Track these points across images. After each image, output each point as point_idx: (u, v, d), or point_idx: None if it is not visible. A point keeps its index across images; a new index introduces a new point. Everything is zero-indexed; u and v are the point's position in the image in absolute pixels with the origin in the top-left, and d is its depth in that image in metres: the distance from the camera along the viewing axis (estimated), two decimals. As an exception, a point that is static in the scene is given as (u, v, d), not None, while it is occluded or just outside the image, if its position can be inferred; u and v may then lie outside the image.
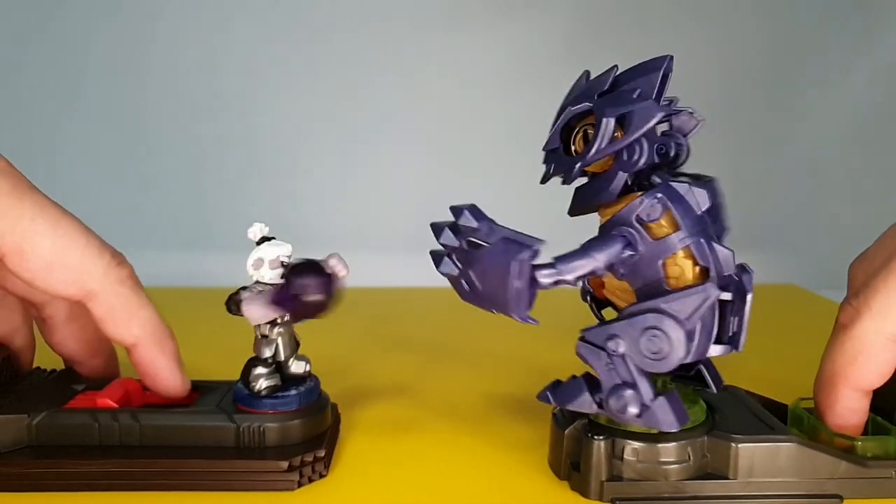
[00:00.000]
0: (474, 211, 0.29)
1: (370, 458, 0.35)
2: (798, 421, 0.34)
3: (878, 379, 0.32)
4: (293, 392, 0.33)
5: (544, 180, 0.32)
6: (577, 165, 0.30)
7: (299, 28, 0.75)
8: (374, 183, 0.77)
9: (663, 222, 0.29)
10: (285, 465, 0.31)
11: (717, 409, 0.33)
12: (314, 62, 0.76)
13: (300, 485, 0.31)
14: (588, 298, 0.34)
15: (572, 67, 0.32)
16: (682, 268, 0.29)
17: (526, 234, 0.29)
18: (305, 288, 0.31)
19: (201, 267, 0.70)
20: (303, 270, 0.32)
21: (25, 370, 0.39)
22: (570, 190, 0.34)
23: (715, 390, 0.31)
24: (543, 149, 0.31)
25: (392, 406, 0.41)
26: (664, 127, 0.31)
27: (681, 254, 0.29)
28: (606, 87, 0.29)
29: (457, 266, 0.30)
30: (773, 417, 0.33)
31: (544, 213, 0.32)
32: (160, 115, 0.76)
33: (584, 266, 0.29)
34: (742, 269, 0.29)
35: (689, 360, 0.29)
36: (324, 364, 0.36)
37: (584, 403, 0.30)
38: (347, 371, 0.46)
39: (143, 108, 0.76)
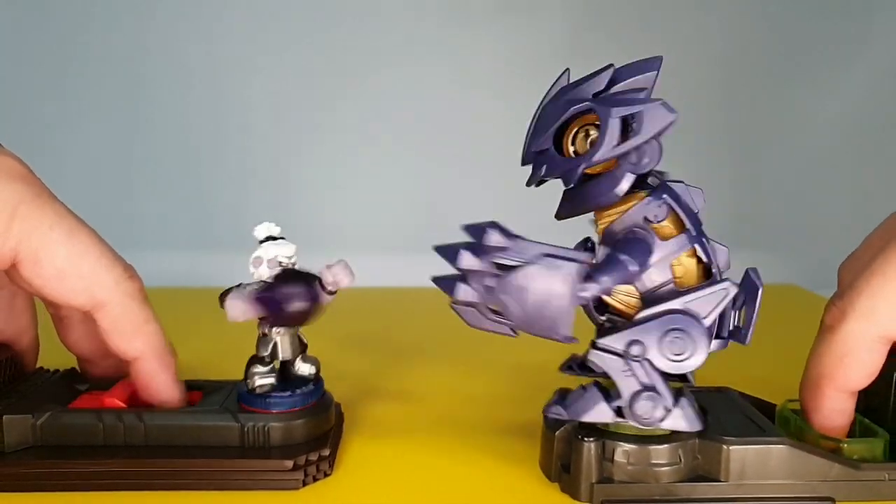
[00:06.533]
0: (500, 228, 0.28)
1: (374, 457, 0.35)
2: (785, 422, 0.34)
3: (864, 379, 0.32)
4: (297, 392, 0.34)
5: (536, 183, 0.30)
6: (582, 166, 0.29)
7: (298, 28, 0.75)
8: (374, 183, 0.78)
9: (668, 223, 0.29)
10: (290, 464, 0.31)
11: (709, 410, 0.33)
12: (313, 62, 0.76)
13: (305, 484, 0.32)
14: (591, 304, 0.32)
15: (573, 66, 0.32)
16: (686, 267, 0.29)
17: (563, 248, 0.28)
18: (288, 297, 0.32)
19: (201, 267, 0.70)
20: (289, 278, 0.32)
21: (29, 371, 0.39)
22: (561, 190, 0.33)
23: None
24: (531, 150, 0.30)
25: (394, 405, 0.42)
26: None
27: (685, 253, 0.29)
28: (604, 87, 0.29)
29: (479, 290, 0.28)
30: (765, 419, 0.33)
31: (545, 213, 0.32)
32: (160, 115, 0.76)
33: (623, 276, 0.28)
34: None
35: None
36: (326, 364, 0.36)
37: (602, 413, 0.30)
38: (350, 371, 0.47)
39: (142, 108, 0.76)
